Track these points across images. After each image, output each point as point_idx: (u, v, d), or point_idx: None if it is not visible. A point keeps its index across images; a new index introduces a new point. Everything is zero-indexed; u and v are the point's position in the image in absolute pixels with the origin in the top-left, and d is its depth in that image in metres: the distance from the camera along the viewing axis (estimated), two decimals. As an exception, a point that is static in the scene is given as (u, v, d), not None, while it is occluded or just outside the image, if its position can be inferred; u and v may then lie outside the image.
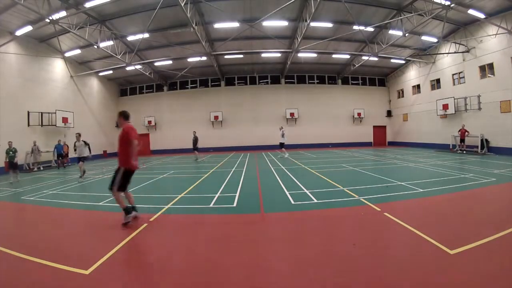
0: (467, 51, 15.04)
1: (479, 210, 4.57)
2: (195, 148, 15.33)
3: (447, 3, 11.13)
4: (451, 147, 16.01)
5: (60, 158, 14.79)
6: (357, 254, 2.97)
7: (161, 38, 15.28)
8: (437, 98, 17.45)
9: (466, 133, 14.29)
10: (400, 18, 13.14)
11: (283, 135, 14.37)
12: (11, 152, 9.57)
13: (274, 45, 16.37)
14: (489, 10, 12.57)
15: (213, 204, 5.30)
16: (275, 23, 14.22)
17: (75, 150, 9.92)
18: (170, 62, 18.06)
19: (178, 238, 3.85)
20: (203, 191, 6.64)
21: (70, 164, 15.54)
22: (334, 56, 18.71)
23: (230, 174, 9.13)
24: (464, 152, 14.25)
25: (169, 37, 15.30)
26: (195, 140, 15.22)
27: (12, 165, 9.48)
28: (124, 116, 4.41)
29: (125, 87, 23.92)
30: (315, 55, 18.25)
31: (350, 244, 3.23)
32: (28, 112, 13.98)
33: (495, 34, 13.07)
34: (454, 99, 16.01)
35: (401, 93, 22.62)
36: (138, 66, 18.41)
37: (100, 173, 11.08)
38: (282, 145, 14.60)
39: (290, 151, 19.33)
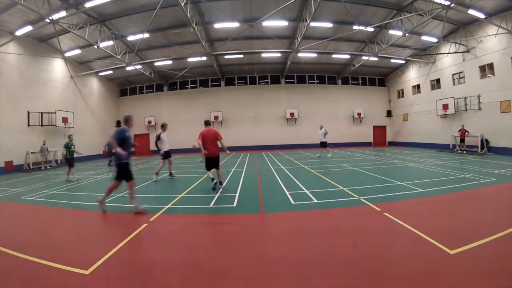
0: (467, 51, 15.04)
1: (479, 210, 4.57)
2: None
3: (447, 3, 11.13)
4: (451, 147, 16.01)
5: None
6: (357, 254, 2.97)
7: (161, 38, 15.27)
8: (437, 98, 17.44)
9: (466, 133, 14.28)
10: (400, 18, 13.12)
11: (325, 135, 14.26)
12: (72, 147, 9.15)
13: (274, 45, 16.36)
14: (489, 10, 12.57)
15: (213, 204, 5.30)
16: (275, 23, 14.21)
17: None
18: (170, 62, 18.04)
19: (178, 238, 3.84)
20: (203, 191, 6.62)
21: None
22: (334, 56, 18.69)
23: (230, 174, 9.13)
24: (464, 152, 14.25)
25: (169, 37, 15.29)
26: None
27: (70, 161, 9.05)
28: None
29: (125, 87, 23.90)
30: (315, 55, 18.24)
31: (350, 244, 3.23)
32: (28, 112, 13.98)
33: (495, 34, 13.07)
34: (454, 99, 16.00)
35: (401, 93, 22.62)
36: (138, 66, 18.41)
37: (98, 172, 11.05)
38: (325, 145, 14.43)
39: (290, 151, 19.38)
